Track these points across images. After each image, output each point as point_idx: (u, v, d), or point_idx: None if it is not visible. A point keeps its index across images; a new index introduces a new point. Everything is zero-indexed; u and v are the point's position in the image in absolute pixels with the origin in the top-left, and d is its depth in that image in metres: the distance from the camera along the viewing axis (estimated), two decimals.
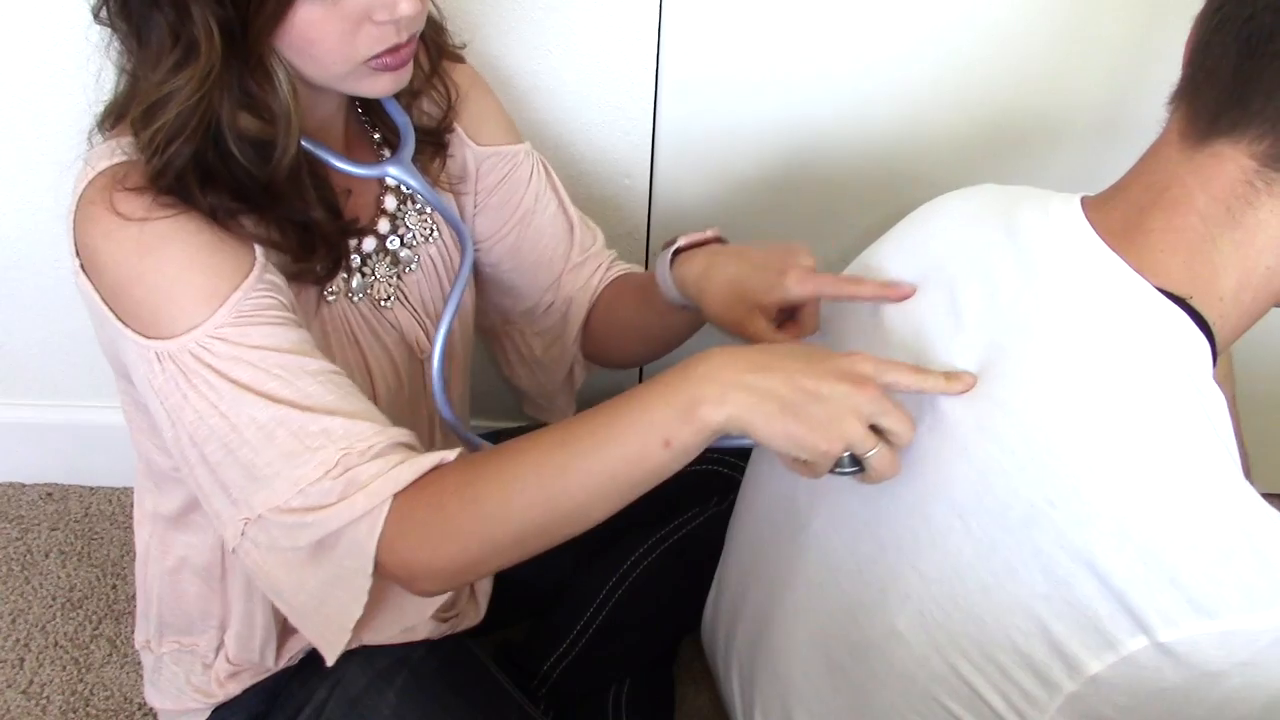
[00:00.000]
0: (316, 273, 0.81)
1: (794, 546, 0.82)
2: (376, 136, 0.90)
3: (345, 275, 0.85)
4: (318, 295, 0.83)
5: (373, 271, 0.87)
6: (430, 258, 0.93)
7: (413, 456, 0.71)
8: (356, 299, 0.86)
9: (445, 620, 1.00)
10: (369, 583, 0.71)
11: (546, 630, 1.18)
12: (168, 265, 0.71)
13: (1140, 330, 0.64)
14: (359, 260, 0.86)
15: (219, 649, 0.94)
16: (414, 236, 0.91)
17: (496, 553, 0.70)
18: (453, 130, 0.94)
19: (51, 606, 1.38)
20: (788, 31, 1.12)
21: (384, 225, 0.89)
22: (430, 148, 0.92)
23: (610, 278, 1.04)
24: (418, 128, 0.89)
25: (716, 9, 1.10)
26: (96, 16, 0.72)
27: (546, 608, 1.19)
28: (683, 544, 1.17)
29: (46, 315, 1.36)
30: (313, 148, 0.78)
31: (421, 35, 0.85)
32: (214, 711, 0.96)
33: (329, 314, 0.84)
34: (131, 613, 1.34)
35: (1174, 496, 0.60)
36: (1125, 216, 0.68)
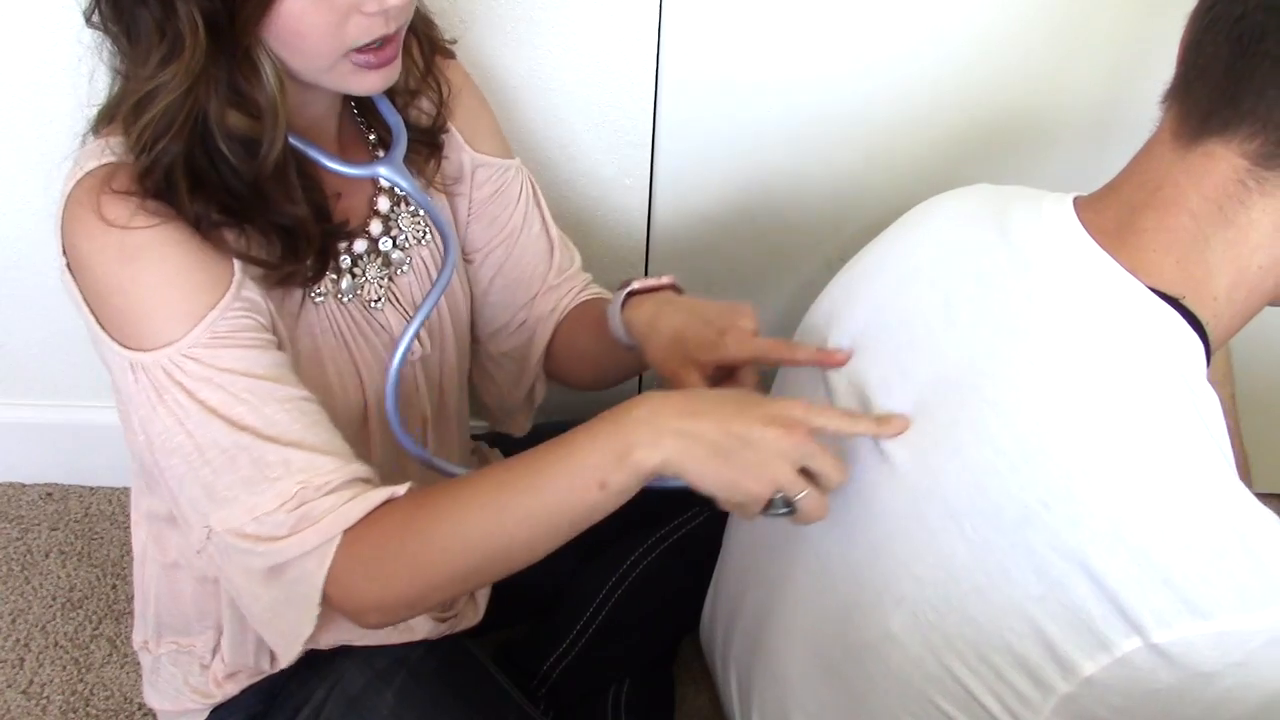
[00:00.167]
0: (303, 275, 0.80)
1: (789, 548, 0.81)
2: (372, 137, 0.89)
3: (335, 276, 0.85)
4: (305, 296, 0.83)
5: (363, 273, 0.87)
6: (423, 259, 0.92)
7: (365, 492, 0.73)
8: (346, 300, 0.86)
9: (444, 620, 0.99)
10: (318, 610, 0.73)
11: (546, 630, 1.18)
12: (146, 278, 0.71)
13: (1133, 331, 0.64)
14: (349, 261, 0.86)
15: (216, 650, 0.94)
16: (406, 238, 0.91)
17: (439, 589, 0.73)
18: (447, 130, 0.93)
19: (51, 606, 1.38)
20: (787, 32, 1.12)
21: (376, 226, 0.88)
22: (425, 148, 0.92)
23: (578, 301, 1.05)
24: (414, 126, 0.89)
25: (716, 9, 1.10)
26: (89, 20, 0.72)
27: (546, 608, 1.19)
28: (683, 543, 1.17)
29: (46, 315, 1.36)
30: (303, 146, 0.78)
31: (415, 32, 0.85)
32: (212, 712, 0.95)
33: (317, 315, 0.84)
34: (131, 613, 1.34)
35: (1167, 497, 0.60)
36: (1118, 216, 0.68)
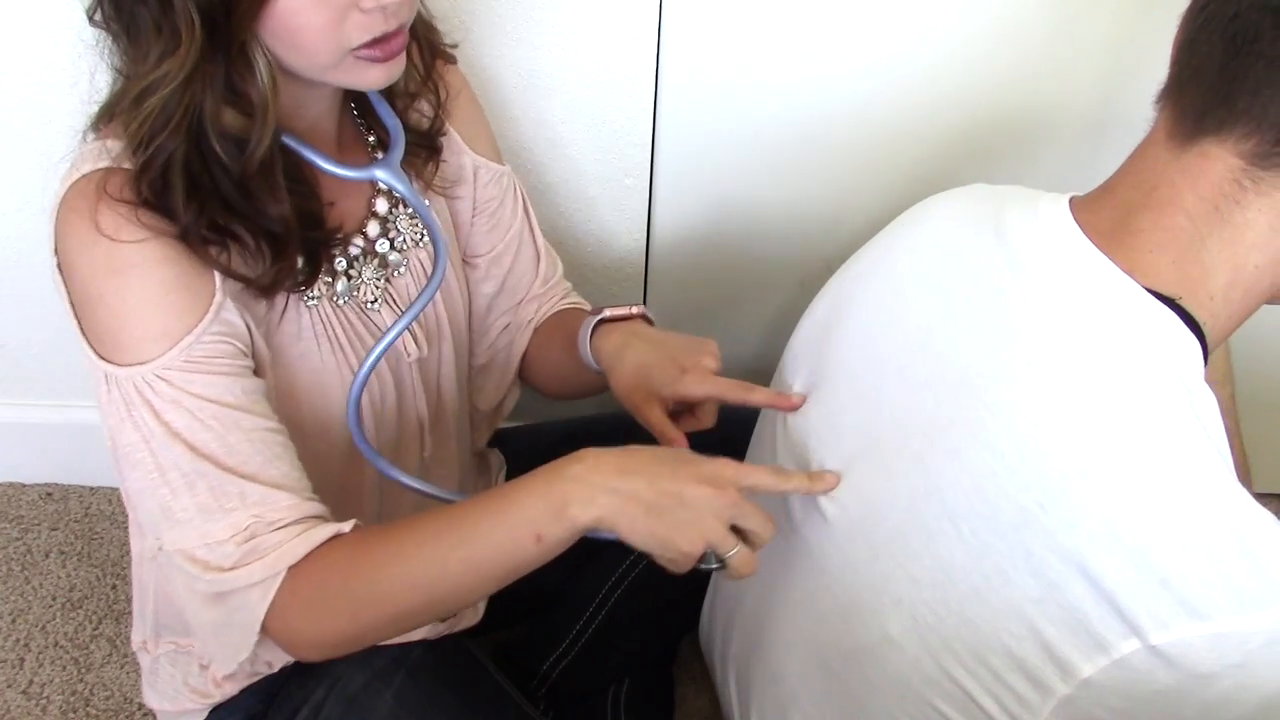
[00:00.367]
0: (293, 281, 0.80)
1: (786, 550, 0.81)
2: (371, 139, 0.89)
3: (330, 279, 0.85)
4: (298, 300, 0.83)
5: (359, 274, 0.87)
6: (420, 261, 0.92)
7: (312, 528, 0.74)
8: (341, 302, 0.86)
9: (444, 620, 0.99)
10: (256, 637, 0.74)
11: (546, 630, 1.18)
12: (129, 293, 0.72)
13: (1130, 332, 0.64)
14: (345, 263, 0.86)
15: None
16: (404, 240, 0.90)
17: (376, 629, 0.75)
18: (445, 132, 0.93)
19: (51, 606, 1.38)
20: (786, 32, 1.12)
21: (373, 228, 0.88)
22: (424, 150, 0.91)
23: (556, 309, 1.06)
24: (413, 129, 0.89)
25: (716, 9, 1.10)
26: (91, 19, 0.72)
27: (546, 608, 1.18)
28: None
29: (46, 315, 1.36)
30: (299, 148, 0.78)
31: (415, 35, 0.85)
32: (212, 712, 0.95)
33: (310, 318, 0.84)
34: (131, 613, 1.34)
35: (1164, 498, 0.60)
36: (1114, 217, 0.68)
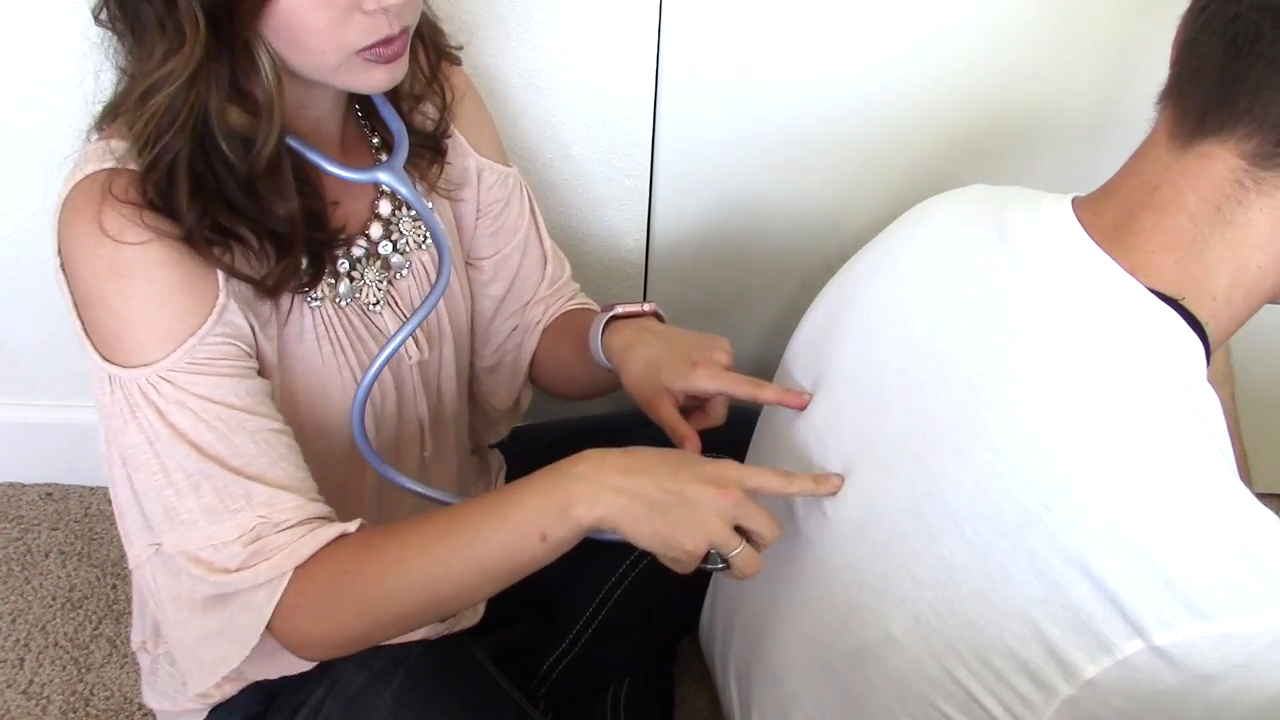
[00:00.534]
0: (298, 282, 0.81)
1: (788, 550, 0.81)
2: (375, 141, 0.89)
3: (333, 280, 0.85)
4: (301, 301, 0.83)
5: (362, 276, 0.87)
6: (423, 264, 0.92)
7: (318, 528, 0.74)
8: (344, 304, 0.86)
9: (444, 620, 0.99)
10: (257, 640, 0.74)
11: (546, 630, 1.18)
12: (132, 295, 0.72)
13: (1132, 332, 0.64)
14: (348, 265, 0.86)
15: None
16: (407, 242, 0.90)
17: (381, 629, 0.75)
18: (450, 135, 0.93)
19: (51, 606, 1.38)
20: (786, 32, 1.12)
21: (376, 230, 0.88)
22: (428, 153, 0.91)
23: (564, 310, 1.06)
24: (418, 131, 0.89)
25: (716, 9, 1.10)
26: (97, 18, 0.72)
27: (546, 608, 1.18)
28: None
29: (46, 315, 1.36)
30: (303, 149, 0.78)
31: (421, 37, 0.85)
32: (211, 712, 0.95)
33: (313, 320, 0.84)
34: (131, 613, 1.34)
35: (1167, 498, 0.60)
36: (1116, 217, 0.68)
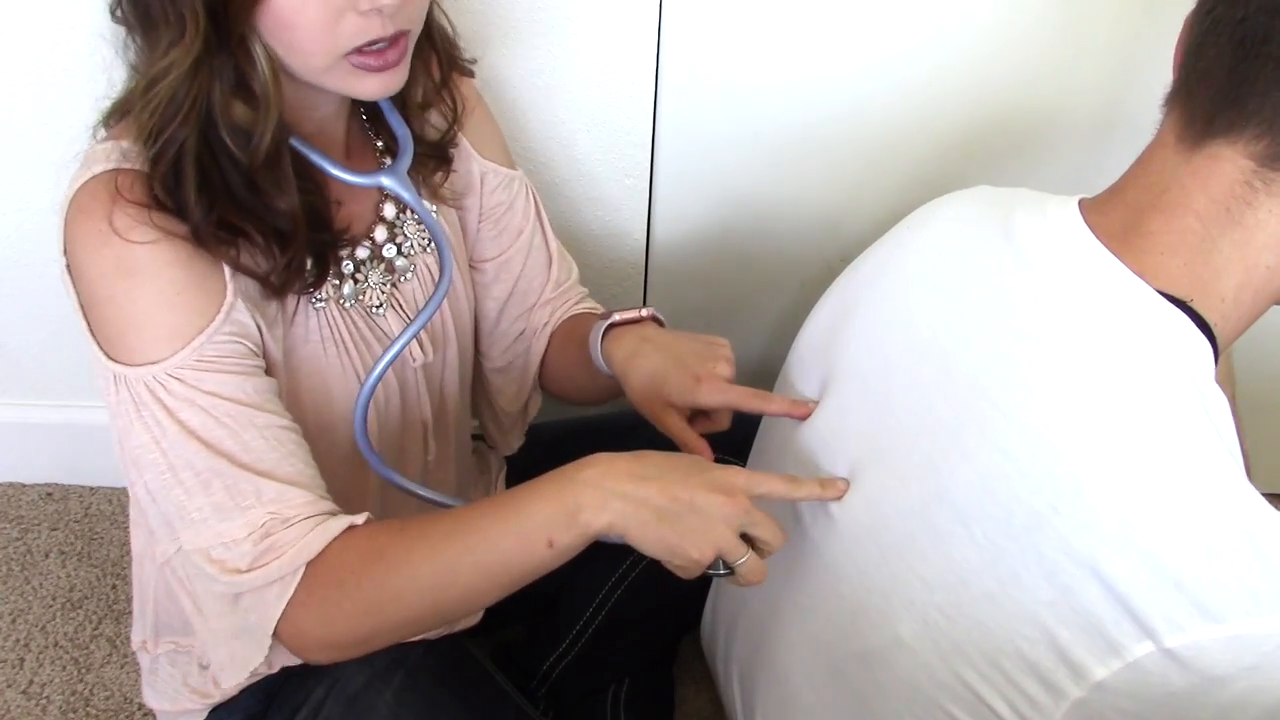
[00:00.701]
0: (303, 282, 0.81)
1: (794, 552, 0.81)
2: (380, 145, 0.89)
3: (337, 282, 0.85)
4: (305, 302, 0.83)
5: (365, 278, 0.87)
6: (427, 266, 0.92)
7: (326, 521, 0.74)
8: (348, 305, 0.86)
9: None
10: (270, 641, 0.74)
11: (546, 630, 1.18)
12: (139, 295, 0.72)
13: (1141, 334, 0.64)
14: (352, 267, 0.86)
15: None
16: (412, 245, 0.90)
17: (387, 632, 0.75)
18: (456, 144, 0.93)
19: (51, 606, 1.37)
20: (787, 32, 1.12)
21: (381, 233, 0.88)
22: (433, 161, 0.91)
23: (571, 313, 1.06)
24: (423, 140, 0.89)
25: (716, 9, 1.10)
26: (114, 16, 0.73)
27: (546, 608, 1.18)
28: None
29: (46, 315, 1.36)
30: (305, 150, 0.78)
31: (435, 48, 0.85)
32: (211, 712, 0.95)
33: (317, 321, 0.84)
34: (131, 613, 1.34)
35: (1177, 500, 0.60)
36: (1124, 219, 0.68)
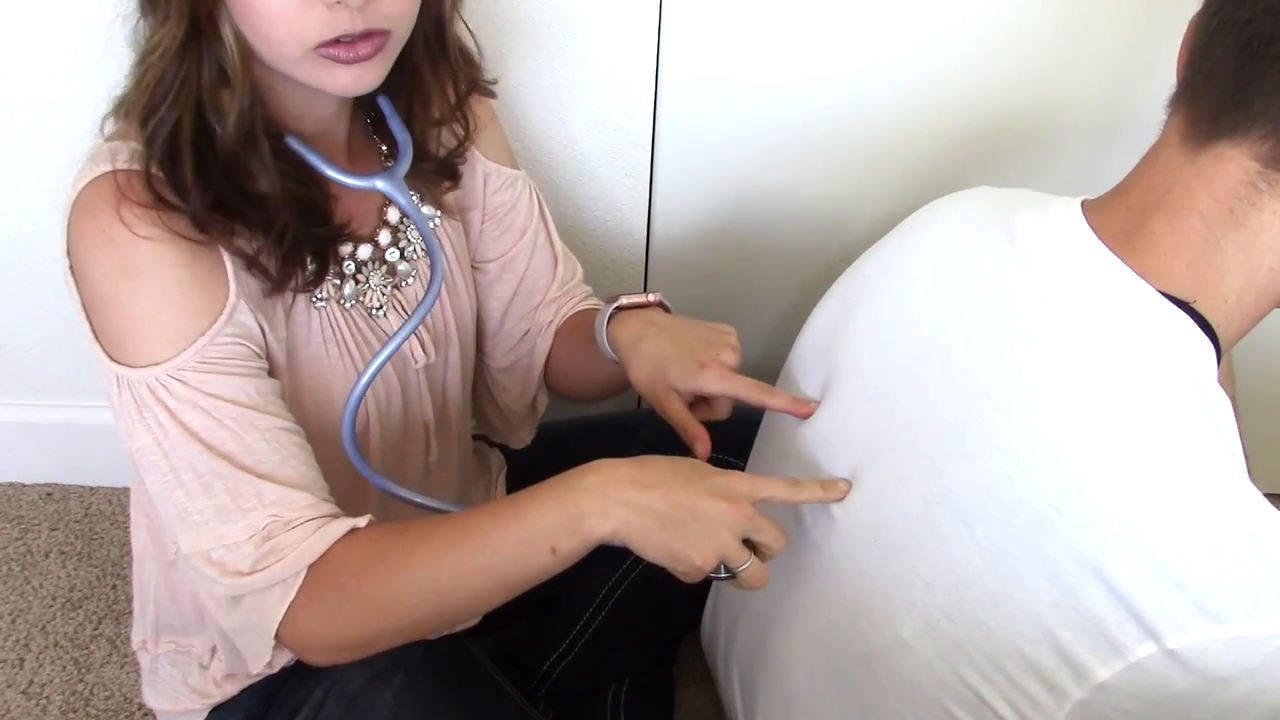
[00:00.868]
0: (304, 276, 0.80)
1: (795, 553, 0.81)
2: (385, 149, 0.89)
3: (338, 281, 0.85)
4: (307, 300, 0.83)
5: (366, 280, 0.87)
6: (430, 271, 0.91)
7: (328, 524, 0.74)
8: (348, 305, 0.86)
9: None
10: (272, 641, 0.74)
11: (546, 630, 1.18)
12: (142, 296, 0.72)
13: (1144, 335, 0.64)
14: (353, 267, 0.86)
15: (214, 650, 0.94)
16: (414, 250, 0.91)
17: (388, 635, 0.75)
18: (464, 160, 0.93)
19: (51, 606, 1.37)
20: (787, 32, 1.11)
21: (385, 236, 0.88)
22: (437, 175, 0.91)
23: (575, 311, 1.06)
24: (431, 156, 0.89)
25: (716, 9, 1.10)
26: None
27: (546, 608, 1.18)
28: None
29: (46, 315, 1.36)
30: (302, 150, 0.78)
31: (453, 67, 0.85)
32: (211, 712, 0.95)
33: (319, 320, 0.84)
34: (131, 613, 1.34)
35: (1180, 501, 0.60)
36: (1127, 220, 0.68)
